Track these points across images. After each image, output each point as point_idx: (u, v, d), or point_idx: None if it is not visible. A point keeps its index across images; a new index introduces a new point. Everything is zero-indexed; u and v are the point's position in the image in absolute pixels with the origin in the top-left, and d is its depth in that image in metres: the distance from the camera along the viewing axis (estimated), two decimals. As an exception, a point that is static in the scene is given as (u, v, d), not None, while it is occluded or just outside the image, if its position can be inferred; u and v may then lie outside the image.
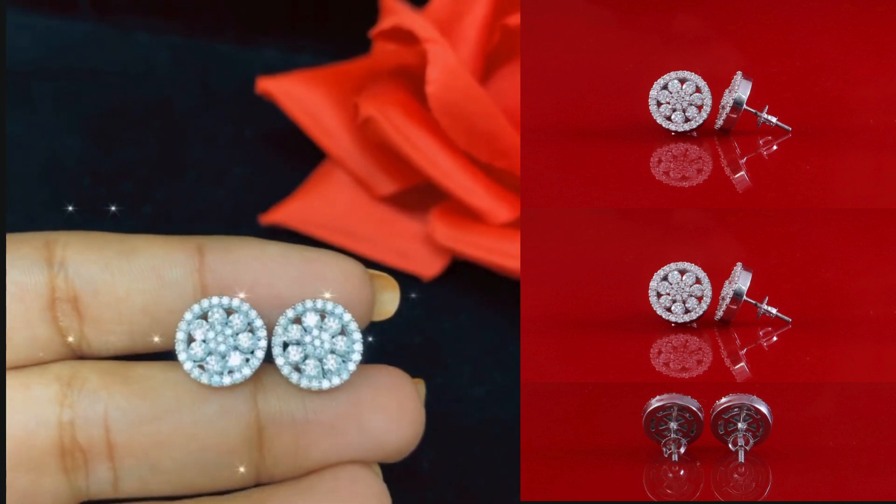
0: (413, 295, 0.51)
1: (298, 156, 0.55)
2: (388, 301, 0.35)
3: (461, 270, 0.51)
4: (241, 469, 0.33)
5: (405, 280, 0.51)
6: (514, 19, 0.49)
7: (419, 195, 0.52)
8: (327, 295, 0.33)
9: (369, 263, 0.51)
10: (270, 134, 0.56)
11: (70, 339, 0.33)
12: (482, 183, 0.48)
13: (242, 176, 0.55)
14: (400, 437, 0.34)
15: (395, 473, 0.44)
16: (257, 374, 0.33)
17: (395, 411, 0.34)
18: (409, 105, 0.49)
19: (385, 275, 0.35)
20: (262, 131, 0.57)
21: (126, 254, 0.33)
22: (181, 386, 0.33)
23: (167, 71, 0.59)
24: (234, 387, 0.33)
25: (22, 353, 0.32)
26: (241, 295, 0.33)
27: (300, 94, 0.52)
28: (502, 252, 0.47)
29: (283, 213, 0.52)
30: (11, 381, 0.32)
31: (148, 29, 0.61)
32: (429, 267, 0.51)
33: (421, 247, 0.51)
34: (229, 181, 0.54)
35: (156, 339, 0.33)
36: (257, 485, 0.34)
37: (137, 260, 0.33)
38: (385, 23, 0.49)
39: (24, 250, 0.32)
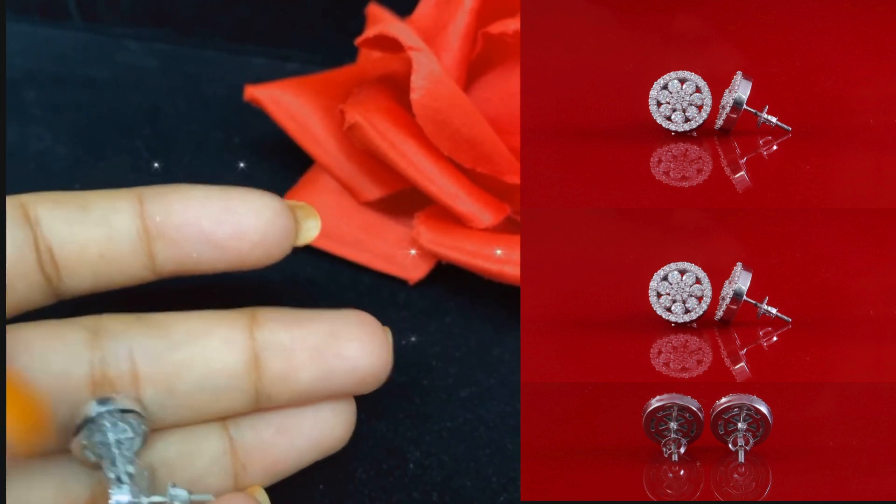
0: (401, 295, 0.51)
1: (286, 162, 0.55)
2: (311, 227, 0.41)
3: (446, 274, 0.51)
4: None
5: (393, 284, 0.51)
6: (497, 27, 0.49)
7: (404, 200, 0.51)
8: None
9: (357, 268, 0.51)
10: (258, 140, 0.56)
11: (52, 281, 0.39)
12: (466, 188, 0.48)
13: (231, 182, 0.54)
14: (371, 364, 0.40)
15: (381, 473, 0.44)
16: (251, 314, 0.40)
17: (366, 341, 0.40)
18: (393, 112, 0.49)
19: (305, 204, 0.41)
20: (250, 138, 0.56)
21: (82, 208, 0.39)
22: (189, 324, 0.39)
23: (156, 78, 0.59)
24: (233, 321, 0.39)
25: (22, 296, 0.38)
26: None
27: (287, 102, 0.52)
28: (486, 256, 0.47)
29: (272, 220, 0.52)
30: (45, 333, 0.38)
31: (137, 37, 0.61)
32: (414, 271, 0.51)
33: (406, 251, 0.51)
34: (218, 188, 0.54)
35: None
36: (258, 406, 0.40)
37: (92, 212, 0.39)
38: (371, 31, 0.49)
39: (10, 212, 0.38)
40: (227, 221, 0.39)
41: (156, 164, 0.55)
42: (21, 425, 0.35)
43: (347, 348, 0.40)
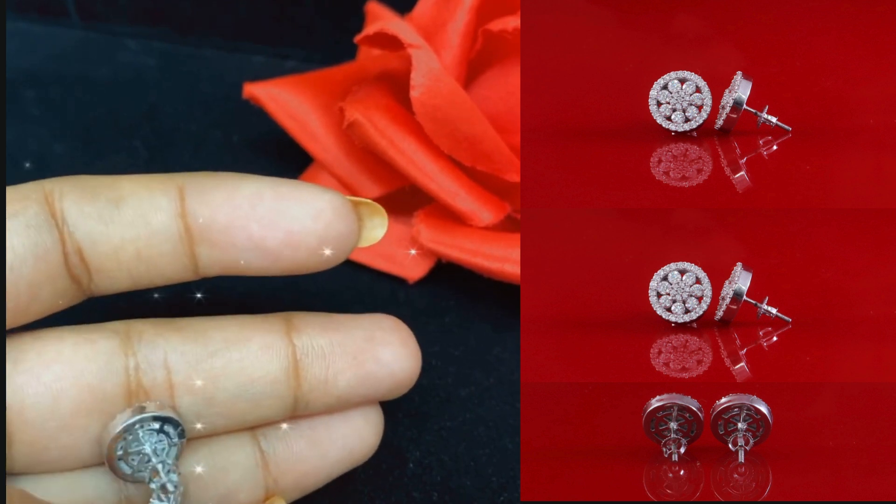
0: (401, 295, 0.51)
1: (285, 160, 0.55)
2: (376, 227, 0.38)
3: (445, 273, 0.51)
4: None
5: (392, 283, 0.51)
6: (497, 25, 0.49)
7: (404, 198, 0.51)
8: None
9: (356, 267, 0.51)
10: (257, 139, 0.56)
11: (81, 283, 0.36)
12: (466, 186, 0.48)
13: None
14: (405, 368, 0.39)
15: (381, 472, 0.44)
16: (286, 319, 0.38)
17: (400, 345, 0.39)
18: (393, 109, 0.49)
19: (369, 201, 0.37)
20: (249, 136, 0.56)
21: (116, 202, 0.35)
22: (226, 330, 0.37)
23: (155, 77, 0.59)
24: (270, 327, 0.37)
25: (46, 305, 0.35)
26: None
27: (286, 100, 0.52)
28: (485, 254, 0.47)
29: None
30: (75, 339, 0.35)
31: (136, 36, 0.61)
32: (413, 269, 0.51)
33: (406, 250, 0.51)
34: (217, 186, 0.54)
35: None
36: (295, 413, 0.38)
37: (126, 208, 0.35)
38: (370, 29, 0.49)
39: (32, 208, 0.34)
40: (281, 226, 0.35)
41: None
42: None
43: (384, 353, 0.38)
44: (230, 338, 0.37)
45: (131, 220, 0.35)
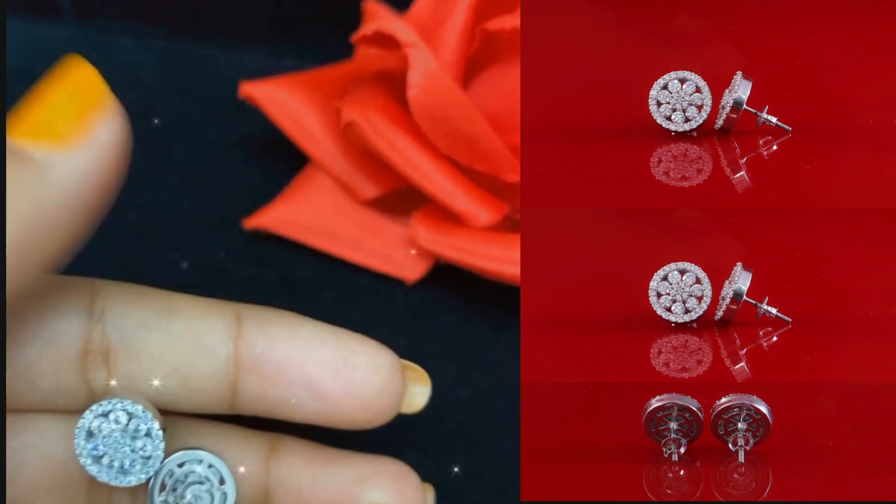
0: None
1: (282, 160, 0.54)
2: (418, 394, 0.36)
3: (444, 274, 0.51)
4: None
5: (390, 284, 0.51)
6: (495, 24, 0.49)
7: (402, 199, 0.51)
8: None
9: (354, 268, 0.50)
10: (254, 138, 0.56)
11: (93, 388, 0.33)
12: (464, 186, 0.48)
13: (226, 180, 0.54)
14: None
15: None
16: (272, 441, 0.35)
17: (393, 493, 0.36)
18: (391, 109, 0.49)
19: (416, 367, 0.37)
20: (245, 136, 0.56)
21: (166, 312, 0.33)
22: (206, 437, 0.35)
23: (150, 76, 0.59)
24: (249, 446, 0.35)
25: (45, 397, 0.33)
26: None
27: (283, 99, 0.52)
28: (484, 255, 0.47)
29: (267, 218, 0.51)
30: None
31: (131, 34, 0.61)
32: (412, 270, 0.51)
33: (404, 250, 0.51)
34: (213, 186, 0.54)
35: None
36: None
37: (176, 320, 0.33)
38: (367, 28, 0.49)
39: (68, 297, 0.32)
40: (342, 373, 0.34)
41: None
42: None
43: (370, 496, 0.36)
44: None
45: (179, 332, 0.33)
